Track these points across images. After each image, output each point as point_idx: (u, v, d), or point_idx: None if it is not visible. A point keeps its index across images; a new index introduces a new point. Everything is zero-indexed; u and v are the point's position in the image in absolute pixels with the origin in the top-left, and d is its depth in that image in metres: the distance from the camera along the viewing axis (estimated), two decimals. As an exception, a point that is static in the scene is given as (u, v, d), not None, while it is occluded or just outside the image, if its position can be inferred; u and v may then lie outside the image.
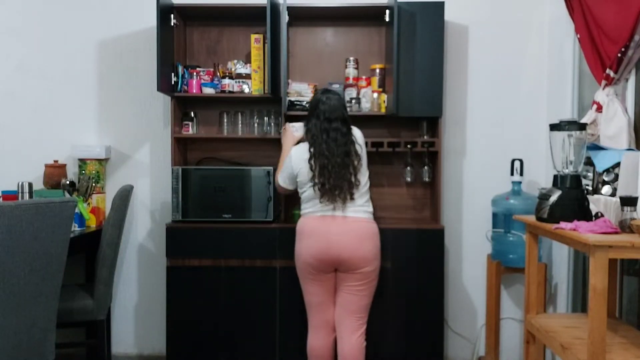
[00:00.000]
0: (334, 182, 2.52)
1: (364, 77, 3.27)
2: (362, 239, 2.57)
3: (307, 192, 2.61)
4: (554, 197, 2.23)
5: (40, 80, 3.44)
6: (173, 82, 3.14)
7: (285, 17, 3.12)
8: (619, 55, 2.38)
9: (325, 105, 2.60)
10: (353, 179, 2.56)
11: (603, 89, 2.51)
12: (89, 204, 3.19)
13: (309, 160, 2.57)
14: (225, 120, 3.32)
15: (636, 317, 2.41)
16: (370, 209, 2.65)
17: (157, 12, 2.96)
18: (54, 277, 2.28)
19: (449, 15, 3.15)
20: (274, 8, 3.07)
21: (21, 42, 3.42)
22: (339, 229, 2.54)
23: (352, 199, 2.56)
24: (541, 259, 3.07)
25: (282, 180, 2.72)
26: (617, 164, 2.26)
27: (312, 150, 2.57)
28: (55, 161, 3.30)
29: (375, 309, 3.00)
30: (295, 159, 2.63)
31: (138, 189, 3.39)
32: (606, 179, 2.30)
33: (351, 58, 3.28)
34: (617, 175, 2.26)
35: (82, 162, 3.31)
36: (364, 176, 2.63)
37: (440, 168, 3.16)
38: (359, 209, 2.59)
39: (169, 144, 3.21)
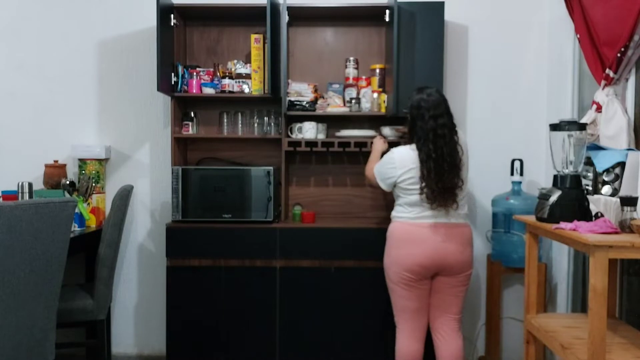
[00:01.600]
0: (444, 186, 2.45)
1: (364, 77, 3.27)
2: (465, 244, 2.56)
3: (412, 197, 2.53)
4: (554, 197, 2.23)
5: (40, 80, 3.44)
6: (173, 82, 3.14)
7: (285, 17, 3.12)
8: (619, 55, 2.38)
9: (427, 103, 2.50)
10: (458, 180, 2.49)
11: (603, 89, 2.51)
12: (89, 204, 3.19)
13: (420, 167, 2.47)
14: (225, 120, 3.32)
15: (636, 317, 2.41)
16: (464, 211, 2.61)
17: (157, 12, 2.96)
18: (54, 277, 2.28)
19: (449, 15, 3.15)
20: (274, 8, 3.07)
21: (21, 42, 3.42)
22: (445, 236, 2.50)
23: (457, 201, 2.50)
24: (541, 259, 3.07)
25: (380, 181, 2.65)
26: (617, 164, 2.26)
27: (421, 155, 2.47)
28: (55, 161, 3.30)
29: (375, 309, 3.01)
30: (400, 164, 2.54)
31: (138, 189, 3.39)
32: (606, 179, 2.30)
33: (351, 58, 3.28)
34: (617, 175, 2.26)
35: (82, 162, 3.31)
36: (466, 176, 2.59)
37: (440, 168, 3.15)
38: (461, 214, 2.57)
39: (169, 144, 3.21)
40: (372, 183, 2.78)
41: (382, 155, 2.78)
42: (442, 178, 2.45)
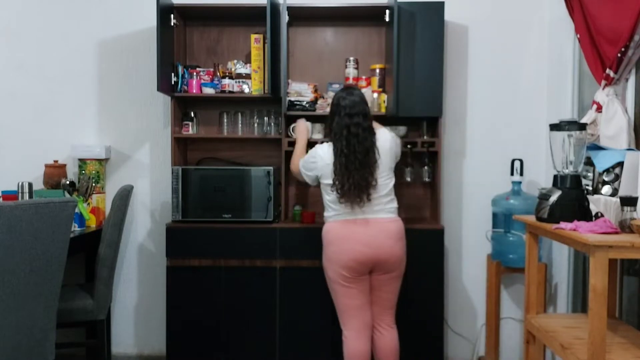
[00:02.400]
0: (353, 182, 2.51)
1: (364, 77, 3.27)
2: (394, 239, 2.59)
3: (332, 194, 2.60)
4: (554, 197, 2.23)
5: (40, 80, 3.44)
6: (173, 82, 3.14)
7: (285, 17, 3.12)
8: (619, 55, 2.38)
9: (345, 101, 2.58)
10: (370, 179, 2.54)
11: (603, 89, 2.51)
12: (89, 204, 3.19)
13: (334, 162, 2.57)
14: (225, 120, 3.32)
15: (636, 317, 2.41)
16: (393, 206, 2.65)
17: (157, 12, 2.96)
18: (54, 277, 2.28)
19: (449, 15, 3.15)
20: (274, 8, 3.07)
21: (21, 42, 3.42)
22: (373, 230, 2.56)
23: (369, 199, 2.54)
24: (541, 259, 3.07)
25: (305, 174, 2.74)
26: (617, 164, 2.26)
27: (335, 150, 2.56)
28: (55, 161, 3.30)
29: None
30: (321, 161, 2.63)
31: (138, 189, 3.39)
32: (606, 179, 2.30)
33: (351, 58, 3.28)
34: (617, 175, 2.26)
35: (82, 162, 3.31)
36: (384, 176, 2.60)
37: (440, 168, 3.16)
38: (381, 209, 2.59)
39: (169, 144, 3.21)
40: (297, 177, 2.85)
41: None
42: (352, 174, 2.51)
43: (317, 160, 2.65)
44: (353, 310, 2.63)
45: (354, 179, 2.51)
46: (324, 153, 2.63)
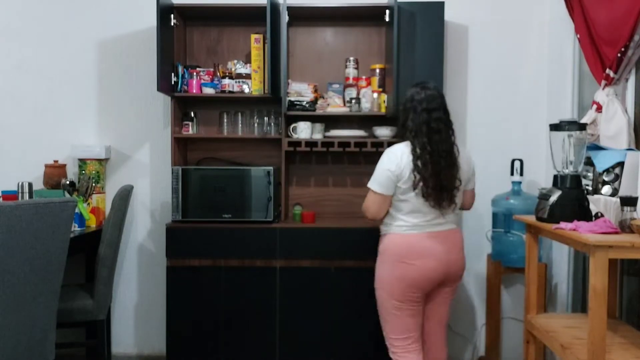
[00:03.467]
0: (441, 183, 2.26)
1: (364, 77, 3.27)
2: (462, 250, 2.44)
3: (408, 202, 2.32)
4: (554, 197, 2.23)
5: (40, 80, 3.44)
6: (173, 82, 3.14)
7: (285, 17, 3.12)
8: (619, 55, 2.38)
9: (420, 95, 2.32)
10: (456, 181, 2.32)
11: (603, 89, 2.51)
12: (89, 204, 3.19)
13: (414, 160, 2.27)
14: (225, 120, 3.32)
15: (636, 317, 2.41)
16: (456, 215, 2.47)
17: (157, 12, 2.96)
18: (54, 277, 2.28)
19: (449, 15, 3.15)
20: (274, 8, 3.07)
21: (21, 42, 3.42)
22: (447, 245, 2.36)
23: (453, 202, 2.34)
24: (541, 259, 3.07)
25: (378, 187, 2.36)
26: (617, 164, 2.26)
27: (414, 148, 2.28)
28: (55, 161, 3.30)
29: (375, 309, 3.01)
30: (399, 159, 2.31)
31: (138, 189, 3.39)
32: (606, 179, 2.30)
33: (351, 58, 3.28)
34: (617, 175, 2.26)
35: (82, 162, 3.31)
36: (464, 183, 2.40)
37: (440, 168, 3.16)
38: (454, 219, 2.43)
39: (169, 144, 3.21)
40: (371, 211, 2.42)
41: None
42: (439, 174, 2.26)
43: (396, 161, 2.31)
44: (415, 331, 2.42)
45: (440, 179, 2.26)
46: (403, 152, 2.32)
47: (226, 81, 3.16)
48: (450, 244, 2.38)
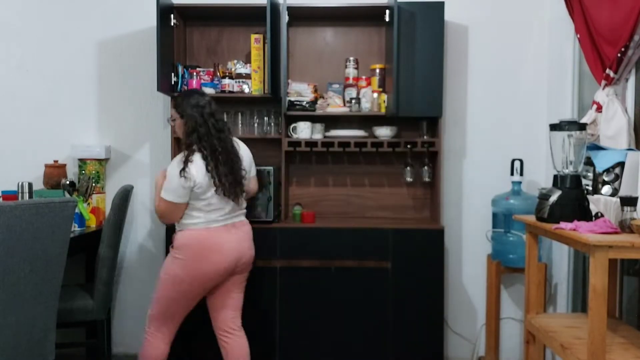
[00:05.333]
0: (235, 177, 2.49)
1: (364, 77, 3.27)
2: (251, 240, 2.64)
3: (206, 200, 2.45)
4: (554, 197, 2.23)
5: (40, 80, 3.44)
6: (173, 82, 3.14)
7: (285, 17, 3.12)
8: (619, 55, 2.38)
9: (204, 101, 2.53)
10: (242, 172, 2.55)
11: (603, 89, 2.51)
12: (89, 204, 3.19)
13: (207, 165, 2.42)
14: (225, 120, 3.31)
15: (636, 317, 2.41)
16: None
17: (157, 12, 2.96)
18: (54, 277, 2.28)
19: (449, 15, 3.15)
20: (274, 8, 3.07)
21: (21, 42, 3.42)
22: (239, 235, 2.57)
23: (244, 191, 2.57)
24: (541, 259, 3.06)
25: (173, 196, 2.44)
26: (617, 164, 2.26)
27: (204, 152, 2.44)
28: (55, 161, 3.30)
29: (375, 309, 3.01)
30: (185, 172, 2.40)
31: (138, 189, 3.39)
32: (606, 179, 2.30)
33: (351, 58, 3.28)
34: (617, 175, 2.26)
35: (82, 162, 3.31)
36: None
37: (440, 168, 3.16)
38: (244, 211, 2.65)
39: (169, 144, 3.21)
40: (165, 214, 2.52)
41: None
42: (232, 170, 2.47)
43: (191, 173, 2.41)
44: (179, 318, 2.61)
45: (234, 175, 2.49)
46: (188, 162, 2.43)
47: (226, 81, 3.17)
48: (242, 234, 2.58)
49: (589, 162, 2.41)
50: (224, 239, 2.51)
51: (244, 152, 2.64)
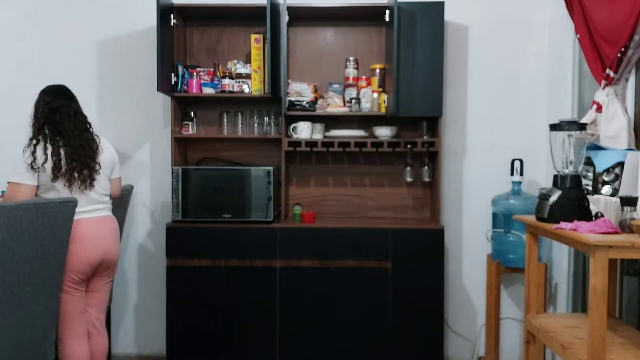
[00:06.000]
0: (78, 160, 2.44)
1: (364, 77, 3.27)
2: (117, 237, 2.62)
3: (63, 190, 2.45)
4: (554, 197, 2.23)
5: (40, 80, 3.40)
6: (173, 82, 3.14)
7: (285, 17, 3.12)
8: (619, 55, 2.38)
9: (50, 96, 2.55)
10: (96, 165, 2.51)
11: (603, 89, 2.51)
12: (89, 204, 3.18)
13: (53, 151, 2.43)
14: (225, 120, 3.32)
15: (636, 317, 2.41)
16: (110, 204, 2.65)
17: (157, 12, 2.96)
18: (54, 277, 2.28)
19: (449, 15, 3.15)
20: (274, 8, 3.07)
21: (21, 42, 3.42)
22: (106, 230, 2.53)
23: (92, 185, 2.49)
24: (541, 259, 3.07)
25: (28, 181, 2.44)
26: (617, 164, 2.26)
27: (52, 139, 2.45)
28: (55, 161, 3.29)
29: (375, 309, 3.01)
30: (38, 152, 2.44)
31: (138, 189, 3.39)
32: (606, 179, 2.30)
33: (351, 58, 3.28)
34: (617, 175, 2.26)
35: (82, 162, 3.30)
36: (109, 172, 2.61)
37: (440, 168, 3.16)
38: (107, 206, 2.61)
39: (169, 144, 3.21)
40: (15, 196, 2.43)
41: None
42: (79, 156, 2.44)
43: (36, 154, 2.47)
44: (77, 316, 2.51)
45: (81, 161, 2.48)
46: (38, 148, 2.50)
47: (226, 81, 3.17)
48: (106, 229, 2.55)
49: (589, 162, 2.41)
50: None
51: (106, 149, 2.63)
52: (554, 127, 2.36)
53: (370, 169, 3.40)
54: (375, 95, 3.18)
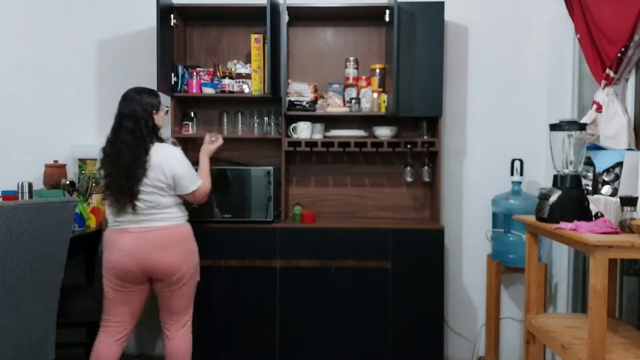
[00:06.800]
0: (116, 186, 2.41)
1: (364, 77, 3.27)
2: (162, 246, 2.46)
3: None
4: (554, 197, 2.23)
5: (40, 80, 3.44)
6: (173, 82, 3.14)
7: (285, 17, 3.12)
8: (619, 55, 2.38)
9: (122, 103, 2.54)
10: (135, 189, 2.40)
11: (603, 89, 2.51)
12: (89, 204, 3.18)
13: (101, 160, 2.49)
14: (225, 120, 3.32)
15: (636, 317, 2.41)
16: (174, 214, 2.52)
17: (157, 12, 2.96)
18: (54, 277, 2.28)
19: (449, 15, 3.15)
20: (274, 8, 3.07)
21: (21, 42, 3.42)
22: (138, 241, 2.44)
23: (134, 209, 2.41)
24: (541, 259, 3.07)
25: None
26: (617, 164, 2.26)
27: (104, 147, 2.50)
28: (55, 161, 3.30)
29: (375, 309, 3.01)
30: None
31: (138, 189, 3.38)
32: (606, 179, 2.30)
33: (351, 58, 3.28)
34: (617, 175, 2.26)
35: (82, 162, 3.30)
36: (156, 190, 2.45)
37: (440, 168, 3.16)
38: (160, 217, 2.47)
39: (169, 144, 3.21)
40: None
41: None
42: (115, 179, 2.41)
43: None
44: (113, 312, 2.57)
45: (117, 181, 2.45)
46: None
47: (226, 81, 3.17)
48: (140, 240, 2.44)
49: (589, 162, 2.41)
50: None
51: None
52: (554, 127, 2.36)
53: (370, 169, 3.40)
54: (375, 95, 3.18)
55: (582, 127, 2.32)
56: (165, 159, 2.46)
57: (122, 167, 2.40)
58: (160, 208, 2.48)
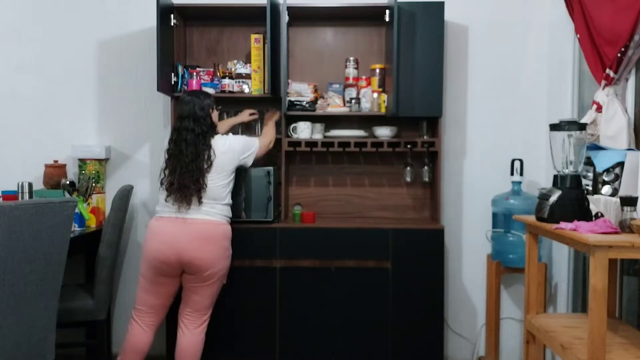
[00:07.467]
0: (180, 182, 2.58)
1: (364, 77, 3.27)
2: (203, 240, 2.61)
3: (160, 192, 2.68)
4: (554, 197, 2.23)
5: (40, 80, 3.44)
6: (173, 82, 3.14)
7: (285, 17, 3.12)
8: (619, 55, 2.38)
9: (180, 106, 2.72)
10: (201, 182, 2.59)
11: (603, 89, 2.51)
12: (89, 204, 3.19)
13: (166, 161, 2.66)
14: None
15: (636, 317, 2.41)
16: (223, 211, 2.70)
17: (157, 12, 2.96)
18: (54, 277, 2.28)
19: (449, 15, 3.15)
20: (274, 8, 3.07)
21: (21, 42, 3.42)
22: (181, 230, 2.59)
23: (200, 202, 2.60)
24: (541, 259, 3.07)
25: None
26: (617, 164, 2.26)
27: (168, 149, 2.67)
28: (55, 161, 3.30)
29: (375, 309, 3.01)
30: None
31: (138, 189, 3.39)
32: (606, 179, 2.30)
33: (351, 58, 3.28)
34: (617, 175, 2.26)
35: (82, 162, 3.31)
36: (217, 180, 2.66)
37: (440, 168, 3.16)
38: (208, 211, 2.63)
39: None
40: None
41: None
42: (177, 176, 2.58)
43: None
44: (147, 306, 2.74)
45: (180, 178, 2.60)
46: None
47: (226, 81, 3.17)
48: (182, 229, 2.59)
49: (589, 162, 2.41)
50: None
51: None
52: (554, 127, 2.36)
53: (370, 169, 3.40)
54: (375, 95, 3.18)
55: (582, 127, 2.32)
56: (228, 145, 2.72)
57: (186, 164, 2.59)
58: (218, 200, 2.67)
